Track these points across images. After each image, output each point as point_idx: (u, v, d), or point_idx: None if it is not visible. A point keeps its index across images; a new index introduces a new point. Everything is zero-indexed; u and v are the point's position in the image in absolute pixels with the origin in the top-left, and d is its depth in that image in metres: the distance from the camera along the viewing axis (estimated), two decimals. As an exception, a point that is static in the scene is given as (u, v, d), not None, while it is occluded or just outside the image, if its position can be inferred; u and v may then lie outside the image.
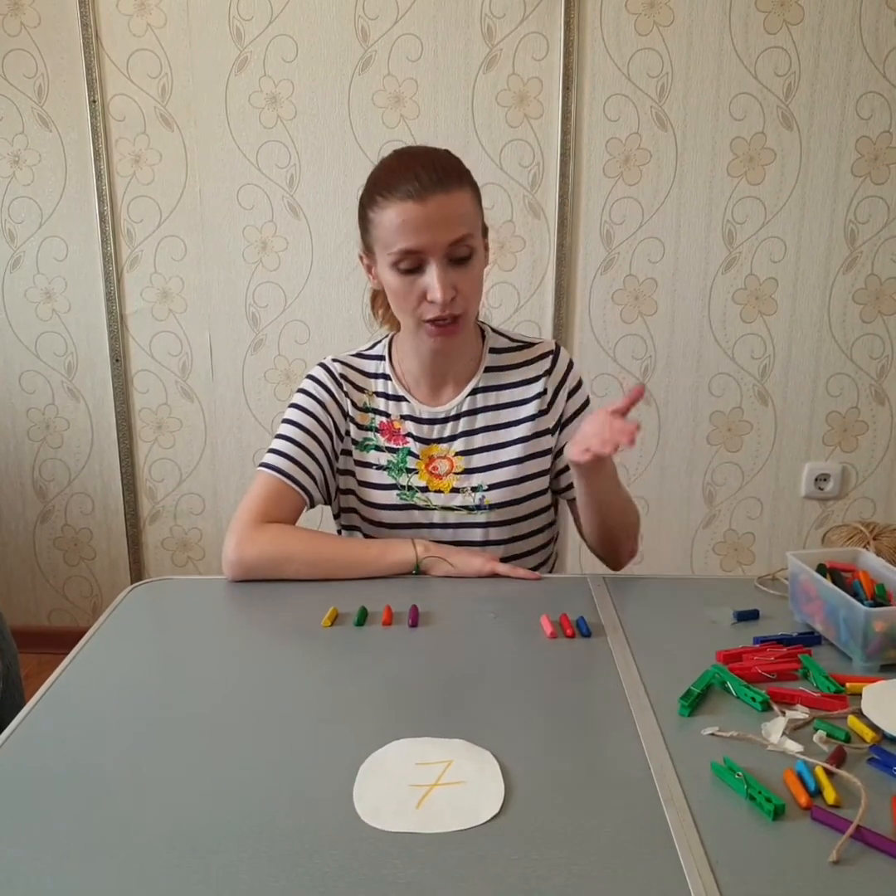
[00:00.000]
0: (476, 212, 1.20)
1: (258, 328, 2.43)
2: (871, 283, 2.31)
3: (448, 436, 1.33)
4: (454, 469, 1.32)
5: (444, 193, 1.14)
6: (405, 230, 1.15)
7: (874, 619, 0.95)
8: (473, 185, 1.21)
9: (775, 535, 2.50)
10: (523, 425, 1.32)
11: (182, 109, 2.31)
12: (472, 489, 1.31)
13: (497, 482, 1.31)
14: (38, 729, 0.89)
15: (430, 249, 1.15)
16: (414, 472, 1.32)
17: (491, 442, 1.32)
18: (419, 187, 1.13)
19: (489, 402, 1.33)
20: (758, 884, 0.66)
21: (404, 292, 1.20)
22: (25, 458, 2.58)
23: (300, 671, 1.00)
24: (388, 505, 1.33)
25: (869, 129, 2.21)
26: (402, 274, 1.18)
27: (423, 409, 1.33)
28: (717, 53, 2.19)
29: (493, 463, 1.32)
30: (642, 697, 0.92)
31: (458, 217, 1.16)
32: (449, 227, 1.15)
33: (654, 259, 2.32)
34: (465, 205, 1.17)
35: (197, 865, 0.69)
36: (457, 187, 1.16)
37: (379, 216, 1.18)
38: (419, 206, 1.13)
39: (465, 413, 1.33)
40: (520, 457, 1.32)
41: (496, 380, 1.34)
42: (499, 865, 0.68)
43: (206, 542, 2.61)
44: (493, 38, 2.21)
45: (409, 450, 1.33)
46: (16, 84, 2.32)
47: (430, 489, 1.32)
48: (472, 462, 1.32)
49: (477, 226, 1.20)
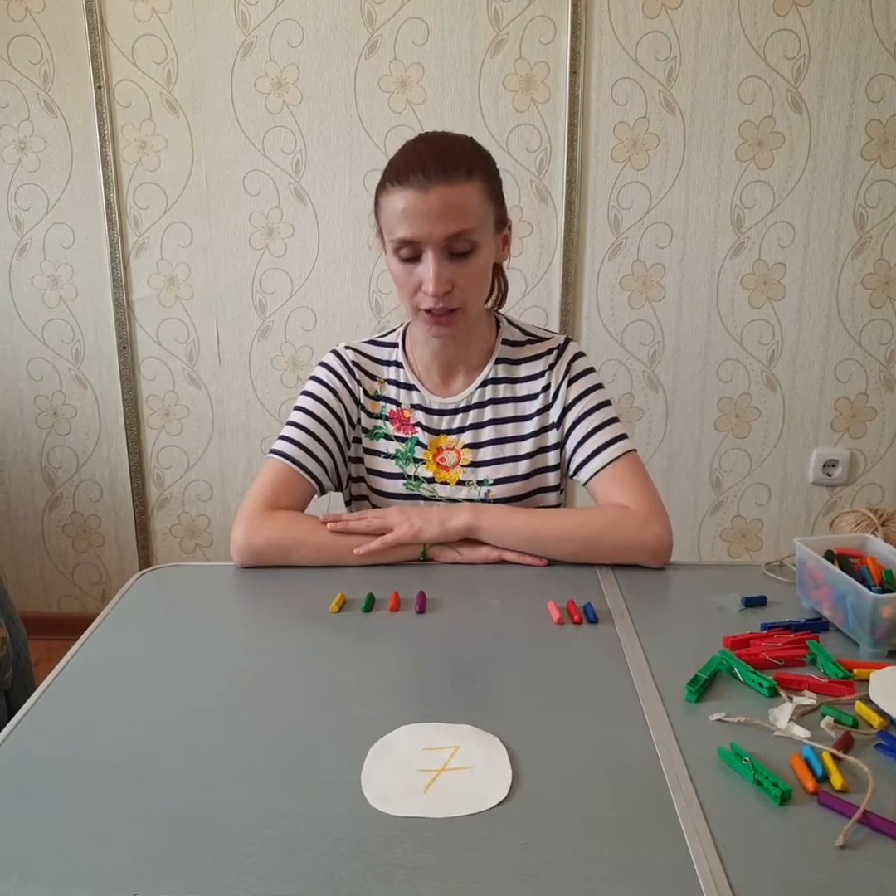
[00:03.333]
0: (484, 205, 1.18)
1: (265, 315, 2.43)
2: (881, 267, 2.29)
3: (457, 427, 1.32)
4: (461, 461, 1.32)
5: (448, 186, 1.13)
6: (405, 219, 1.15)
7: (882, 605, 0.94)
8: (489, 177, 1.19)
9: (783, 521, 2.50)
10: (530, 421, 1.32)
11: (187, 95, 2.30)
12: (477, 482, 1.31)
13: (502, 477, 1.31)
14: (48, 714, 0.89)
15: (426, 240, 1.15)
16: (421, 463, 1.32)
17: (498, 436, 1.32)
18: (423, 178, 1.13)
19: (498, 395, 1.32)
20: (765, 868, 0.66)
21: (403, 279, 1.20)
22: (33, 445, 2.59)
23: (308, 657, 1.00)
24: (393, 494, 1.33)
25: (879, 112, 2.19)
26: (402, 261, 1.19)
27: (434, 399, 1.33)
28: (726, 36, 2.17)
29: (500, 457, 1.31)
30: (649, 683, 0.92)
31: (459, 210, 1.14)
32: (448, 221, 1.14)
33: (662, 244, 2.31)
34: (471, 198, 1.16)
35: (205, 850, 0.69)
36: (463, 180, 1.14)
37: (386, 201, 1.18)
38: (420, 196, 1.13)
39: (475, 405, 1.32)
40: (528, 452, 1.31)
41: (506, 372, 1.33)
42: (506, 850, 0.68)
43: (214, 528, 2.62)
44: (499, 21, 2.20)
45: (417, 439, 1.33)
46: (21, 70, 2.31)
47: (436, 480, 1.32)
48: (478, 455, 1.32)
49: (483, 220, 1.18)
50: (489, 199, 1.19)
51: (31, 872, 0.67)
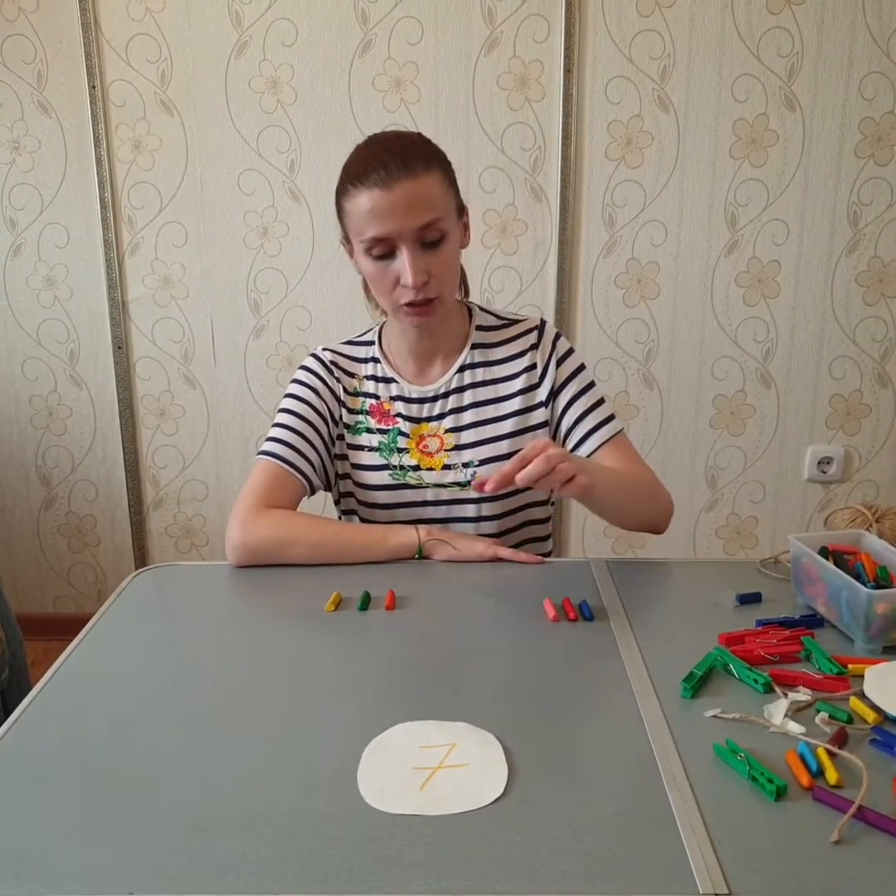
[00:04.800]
0: (447, 194, 1.20)
1: (260, 314, 2.43)
2: (875, 265, 2.30)
3: (437, 414, 1.34)
4: (444, 446, 1.33)
5: (411, 179, 1.15)
6: (374, 217, 1.16)
7: (876, 601, 0.95)
8: (444, 166, 1.21)
9: (778, 518, 2.51)
10: (513, 400, 1.33)
11: (182, 95, 2.30)
12: (463, 465, 1.32)
13: (488, 457, 1.32)
14: (44, 714, 0.89)
15: (399, 235, 1.16)
16: (405, 452, 1.33)
17: (480, 418, 1.33)
18: (385, 175, 1.14)
19: (477, 379, 1.34)
20: (760, 864, 0.66)
21: (379, 278, 1.21)
22: (29, 445, 2.58)
23: (304, 655, 1.00)
24: (380, 486, 1.34)
25: (872, 109, 2.20)
26: (375, 260, 1.20)
27: (413, 388, 1.34)
28: (720, 34, 2.17)
29: (484, 438, 1.32)
30: (645, 680, 0.93)
31: (425, 202, 1.16)
32: (416, 213, 1.16)
33: (657, 242, 2.32)
34: (434, 188, 1.18)
35: (201, 847, 0.69)
36: (423, 172, 1.16)
37: (350, 204, 1.19)
38: (386, 194, 1.14)
39: (454, 391, 1.34)
40: (510, 431, 1.32)
41: (483, 356, 1.35)
42: (502, 847, 0.69)
43: (210, 528, 2.61)
44: (493, 20, 2.20)
45: (399, 430, 1.34)
46: (15, 70, 2.31)
47: (421, 467, 1.33)
48: (461, 438, 1.33)
49: (448, 208, 1.20)
50: (449, 186, 1.22)
51: (27, 872, 0.67)
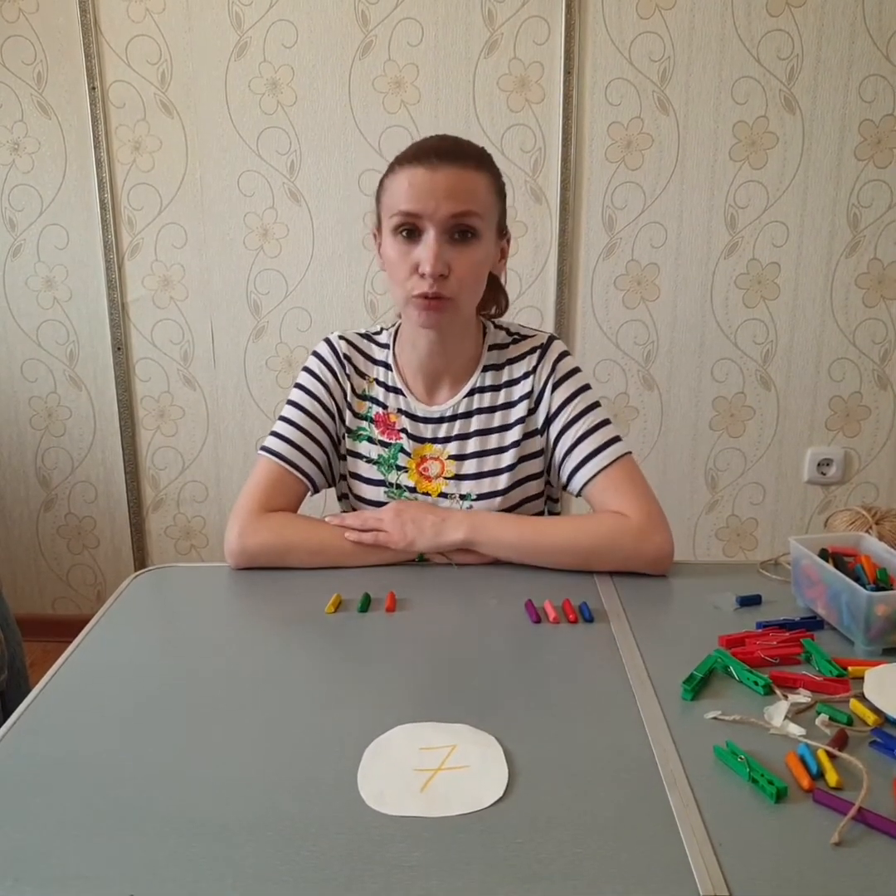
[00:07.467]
0: (491, 199, 1.18)
1: (259, 315, 2.43)
2: (874, 267, 2.30)
3: (443, 437, 1.30)
4: (445, 473, 1.29)
5: (457, 167, 1.14)
6: (410, 192, 1.14)
7: (876, 603, 0.95)
8: (496, 177, 1.20)
9: (778, 520, 2.50)
10: (514, 429, 1.28)
11: (182, 96, 2.30)
12: (460, 496, 1.29)
13: (486, 492, 1.28)
14: (43, 716, 0.89)
15: (430, 217, 1.14)
16: (403, 471, 1.30)
17: (483, 447, 1.29)
18: (434, 158, 1.14)
19: (484, 404, 1.29)
20: (760, 866, 0.66)
21: (399, 262, 1.17)
22: (28, 446, 2.58)
23: (304, 657, 1.00)
24: (375, 501, 1.31)
25: (872, 112, 2.20)
26: (399, 241, 1.17)
27: (419, 406, 1.30)
28: (720, 36, 2.17)
29: (485, 471, 1.28)
30: (645, 682, 0.92)
31: (466, 192, 1.14)
32: (455, 198, 1.13)
33: (657, 244, 2.32)
34: (479, 185, 1.16)
35: (201, 850, 0.69)
36: (473, 167, 1.15)
37: (391, 181, 1.18)
38: (428, 173, 1.13)
39: (462, 415, 1.29)
40: (510, 464, 1.28)
41: (493, 379, 1.30)
42: (503, 849, 0.69)
43: (210, 529, 2.61)
44: (493, 22, 2.20)
45: (401, 446, 1.30)
46: (14, 71, 2.31)
47: (418, 490, 1.30)
48: (462, 468, 1.29)
49: (488, 212, 1.18)
50: (495, 194, 1.20)
51: (26, 874, 0.67)
